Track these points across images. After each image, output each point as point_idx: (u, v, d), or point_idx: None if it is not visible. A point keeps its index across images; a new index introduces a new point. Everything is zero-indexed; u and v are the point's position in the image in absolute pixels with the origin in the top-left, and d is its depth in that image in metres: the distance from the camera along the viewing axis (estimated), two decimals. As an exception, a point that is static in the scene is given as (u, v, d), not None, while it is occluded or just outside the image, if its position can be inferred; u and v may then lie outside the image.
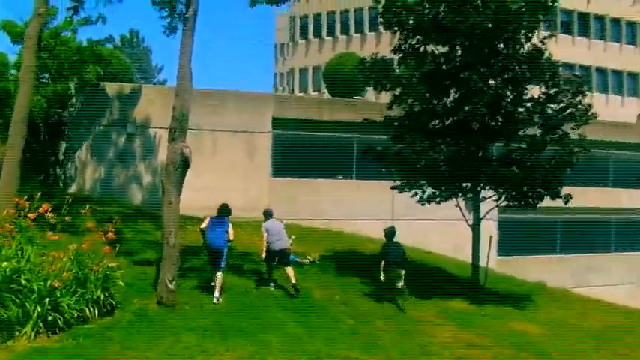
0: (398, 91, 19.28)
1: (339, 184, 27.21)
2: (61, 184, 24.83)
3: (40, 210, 12.88)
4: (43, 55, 20.99)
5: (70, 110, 24.96)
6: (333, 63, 32.19)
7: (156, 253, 16.19)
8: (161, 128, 25.20)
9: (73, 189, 24.59)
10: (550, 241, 31.60)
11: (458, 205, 19.50)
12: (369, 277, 18.01)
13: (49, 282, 11.79)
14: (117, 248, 13.72)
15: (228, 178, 24.45)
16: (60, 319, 11.72)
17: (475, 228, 19.17)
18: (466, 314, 16.51)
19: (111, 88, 25.56)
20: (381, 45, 40.18)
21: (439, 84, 18.57)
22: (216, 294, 14.81)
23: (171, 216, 13.96)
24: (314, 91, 49.33)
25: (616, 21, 52.68)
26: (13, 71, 23.28)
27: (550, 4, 18.66)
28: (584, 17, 51.40)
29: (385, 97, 22.22)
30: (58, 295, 11.89)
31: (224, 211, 15.93)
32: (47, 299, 11.62)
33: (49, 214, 12.95)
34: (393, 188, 19.96)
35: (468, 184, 18.89)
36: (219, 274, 14.93)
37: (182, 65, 14.33)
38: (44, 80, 24.16)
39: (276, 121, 26.70)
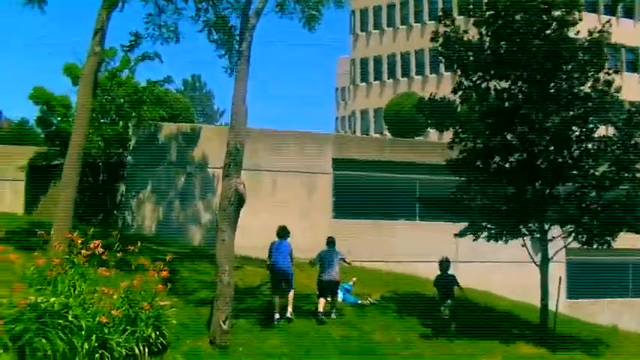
0: (458, 129, 18.64)
1: (402, 225, 26.52)
2: (120, 225, 24.80)
3: (92, 246, 12.65)
4: (100, 95, 21.14)
5: (129, 151, 24.98)
6: (393, 103, 31.89)
7: (212, 294, 15.87)
8: (219, 168, 25.18)
9: (132, 229, 24.51)
10: (621, 284, 30.08)
11: (525, 245, 18.54)
12: (430, 319, 17.29)
13: (97, 318, 11.49)
14: (169, 287, 13.40)
15: (289, 220, 23.96)
16: (108, 356, 11.36)
17: (543, 268, 18.18)
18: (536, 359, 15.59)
19: (169, 128, 25.61)
20: (442, 85, 39.90)
21: (501, 121, 17.86)
22: (290, 309, 15.70)
23: (225, 253, 13.58)
24: (376, 133, 49.06)
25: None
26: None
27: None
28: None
29: (448, 136, 21.77)
30: (106, 332, 11.56)
31: (282, 233, 16.44)
32: (94, 335, 11.31)
33: (100, 250, 12.68)
34: (457, 235, 19.14)
35: (535, 224, 17.96)
36: (291, 294, 15.89)
37: (237, 99, 14.09)
38: (103, 121, 24.35)
39: (337, 161, 26.32)
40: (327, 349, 14.40)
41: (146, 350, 12.06)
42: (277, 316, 15.63)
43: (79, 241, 12.90)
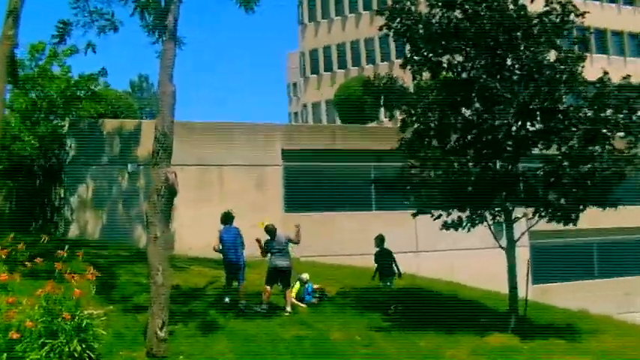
0: (409, 108, 17.19)
1: (357, 216, 25.11)
2: (60, 230, 22.99)
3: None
4: (28, 88, 19.41)
5: (66, 150, 23.17)
6: (342, 89, 30.35)
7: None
8: (164, 166, 23.67)
9: (72, 233, 22.73)
10: (587, 266, 29.10)
11: (490, 226, 17.22)
12: (392, 315, 16.01)
13: (8, 334, 9.84)
14: (96, 293, 11.80)
15: (239, 215, 22.40)
16: (23, 376, 9.73)
17: (510, 252, 16.89)
18: (508, 350, 14.22)
19: (110, 125, 23.88)
20: (394, 73, 38.53)
21: (456, 94, 16.50)
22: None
23: (158, 251, 11.96)
24: (328, 123, 47.57)
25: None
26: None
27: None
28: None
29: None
30: (20, 348, 9.93)
31: (226, 219, 15.83)
32: (4, 355, 9.67)
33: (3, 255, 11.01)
34: (415, 215, 17.75)
35: (498, 204, 16.65)
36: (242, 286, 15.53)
37: (162, 78, 12.48)
38: (35, 118, 22.58)
39: (287, 152, 24.84)
40: (278, 350, 12.87)
41: (71, 366, 10.43)
42: (227, 299, 14.92)
43: None
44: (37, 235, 17.59)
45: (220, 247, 15.53)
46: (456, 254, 25.38)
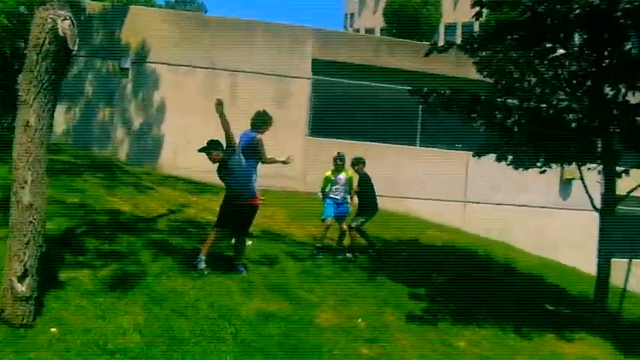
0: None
1: (397, 151, 19.60)
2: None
3: None
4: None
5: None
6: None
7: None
8: (163, 63, 18.42)
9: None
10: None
11: (583, 180, 11.59)
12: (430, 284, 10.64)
13: None
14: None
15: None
16: None
17: (606, 216, 11.30)
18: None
19: (93, 7, 18.61)
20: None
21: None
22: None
23: (29, 148, 6.73)
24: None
25: None
26: None
27: None
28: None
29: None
30: None
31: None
32: None
33: None
34: (478, 154, 12.15)
35: (599, 144, 10.86)
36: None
37: None
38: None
39: (318, 64, 19.29)
40: (221, 337, 7.59)
41: None
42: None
43: None
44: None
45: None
46: (512, 210, 19.86)
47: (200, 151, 9.46)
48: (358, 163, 12.27)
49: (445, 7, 27.37)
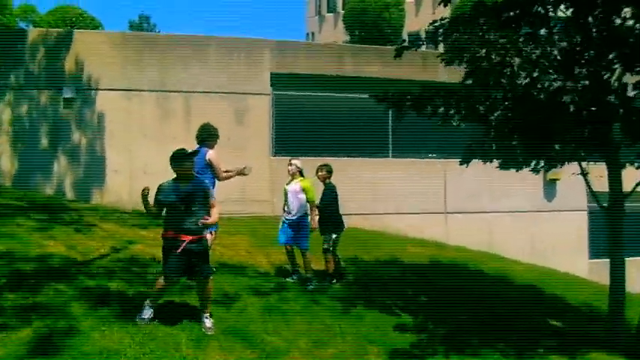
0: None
1: (368, 164, 18.09)
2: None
3: None
4: None
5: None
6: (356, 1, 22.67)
7: None
8: (114, 89, 16.80)
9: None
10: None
11: (584, 174, 10.12)
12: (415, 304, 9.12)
13: None
14: None
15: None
16: None
17: (614, 214, 9.81)
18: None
19: (35, 34, 16.95)
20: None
21: None
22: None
23: None
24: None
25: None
26: None
27: None
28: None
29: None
30: None
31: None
32: None
33: None
34: (465, 162, 10.53)
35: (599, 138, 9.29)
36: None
37: None
38: None
39: (278, 77, 17.80)
40: None
41: None
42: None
43: None
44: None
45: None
46: (496, 218, 18.50)
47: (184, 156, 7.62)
48: (322, 169, 10.79)
49: (408, 14, 25.98)
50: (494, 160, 10.08)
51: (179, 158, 7.44)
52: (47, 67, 16.48)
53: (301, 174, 10.49)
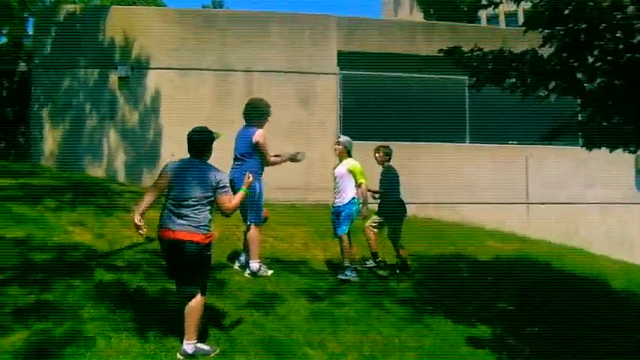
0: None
1: (444, 149, 16.38)
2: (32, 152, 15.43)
3: None
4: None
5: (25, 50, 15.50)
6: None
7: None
8: (165, 69, 15.67)
9: (42, 160, 15.14)
10: None
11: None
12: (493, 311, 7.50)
13: None
14: None
15: (275, 144, 13.47)
16: None
17: None
18: None
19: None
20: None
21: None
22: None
23: None
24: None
25: None
26: None
27: None
28: None
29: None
30: None
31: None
32: None
33: None
34: (588, 145, 8.58)
35: None
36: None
37: None
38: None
39: (345, 56, 16.27)
40: None
41: None
42: None
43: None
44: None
45: None
46: (581, 209, 16.51)
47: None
48: (379, 150, 9.40)
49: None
50: (585, 140, 8.25)
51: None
52: (99, 44, 15.49)
53: (349, 154, 9.00)
